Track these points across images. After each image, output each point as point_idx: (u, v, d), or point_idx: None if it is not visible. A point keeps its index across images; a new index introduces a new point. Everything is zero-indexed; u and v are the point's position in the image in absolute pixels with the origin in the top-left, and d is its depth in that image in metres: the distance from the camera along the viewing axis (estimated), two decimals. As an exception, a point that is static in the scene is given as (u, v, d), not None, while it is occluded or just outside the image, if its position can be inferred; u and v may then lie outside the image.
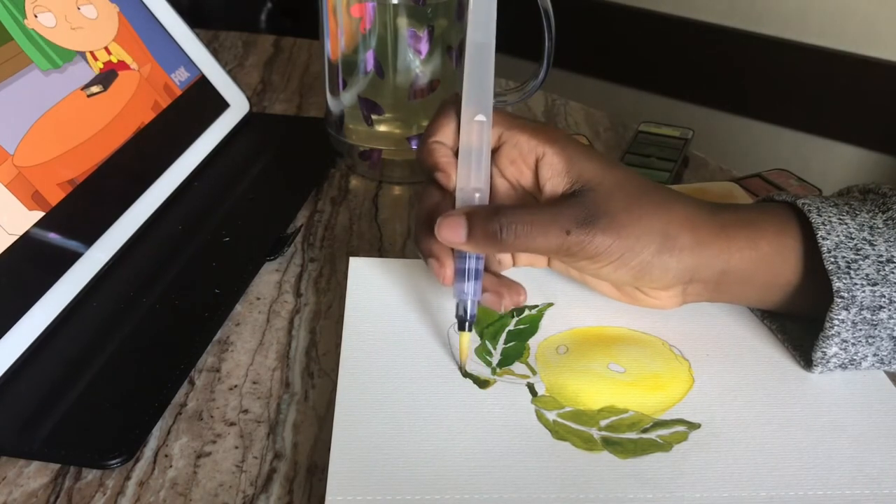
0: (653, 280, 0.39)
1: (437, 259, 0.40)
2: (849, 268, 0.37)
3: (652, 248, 0.38)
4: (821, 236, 0.38)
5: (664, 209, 0.39)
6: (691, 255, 0.39)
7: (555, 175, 0.40)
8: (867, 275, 0.37)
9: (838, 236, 0.38)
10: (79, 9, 0.53)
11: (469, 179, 0.40)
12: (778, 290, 0.41)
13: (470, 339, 0.40)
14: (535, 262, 0.44)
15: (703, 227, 0.39)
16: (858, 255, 0.38)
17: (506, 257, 0.44)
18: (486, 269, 0.41)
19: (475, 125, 0.40)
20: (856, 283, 0.37)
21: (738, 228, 0.40)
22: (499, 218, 0.38)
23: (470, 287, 0.39)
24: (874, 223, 0.39)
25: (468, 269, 0.39)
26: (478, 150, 0.40)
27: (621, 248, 0.38)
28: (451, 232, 0.38)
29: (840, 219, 0.39)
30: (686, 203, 0.40)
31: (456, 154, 0.41)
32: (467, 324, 0.40)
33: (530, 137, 0.40)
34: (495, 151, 0.42)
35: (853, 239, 0.38)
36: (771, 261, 0.40)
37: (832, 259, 0.38)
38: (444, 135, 0.42)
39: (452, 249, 0.40)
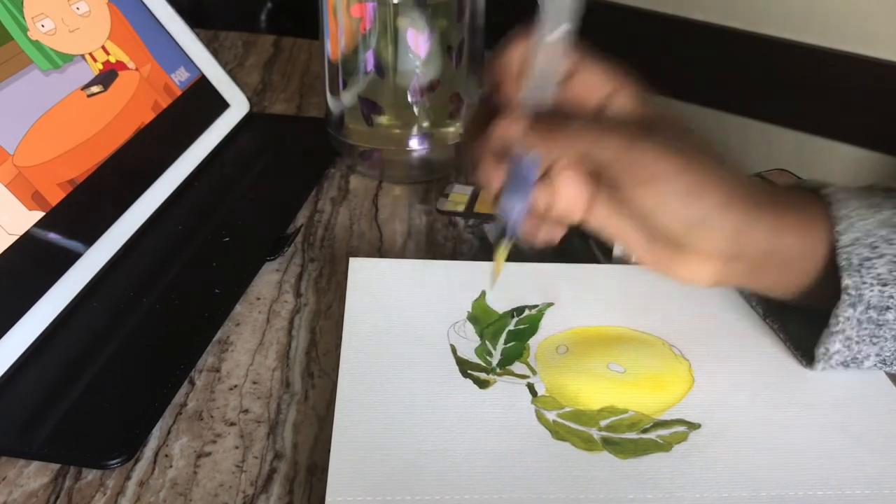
0: (706, 235, 0.37)
1: (485, 170, 0.39)
2: (861, 265, 0.37)
3: (716, 198, 0.36)
4: (838, 231, 0.37)
5: (729, 172, 0.38)
6: (746, 224, 0.37)
7: (625, 112, 0.38)
8: (878, 274, 0.37)
9: (856, 232, 0.37)
10: (71, 6, 0.53)
11: (535, 92, 0.38)
12: (810, 277, 0.39)
13: (506, 255, 0.40)
14: (574, 207, 0.41)
15: (760, 198, 0.38)
16: (874, 253, 0.37)
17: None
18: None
19: (550, 42, 0.38)
20: (865, 282, 0.37)
21: (788, 209, 0.38)
22: (560, 115, 0.37)
23: (518, 200, 0.38)
24: (895, 221, 0.38)
25: (517, 182, 0.38)
26: (548, 67, 0.38)
27: (689, 182, 0.36)
28: (512, 125, 0.37)
29: (860, 213, 0.37)
30: (742, 174, 0.39)
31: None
32: (507, 237, 0.39)
33: (604, 72, 0.39)
34: (568, 78, 0.39)
35: (871, 236, 0.37)
36: (813, 247, 0.38)
37: (845, 255, 0.37)
38: (515, 57, 0.39)
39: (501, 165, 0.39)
